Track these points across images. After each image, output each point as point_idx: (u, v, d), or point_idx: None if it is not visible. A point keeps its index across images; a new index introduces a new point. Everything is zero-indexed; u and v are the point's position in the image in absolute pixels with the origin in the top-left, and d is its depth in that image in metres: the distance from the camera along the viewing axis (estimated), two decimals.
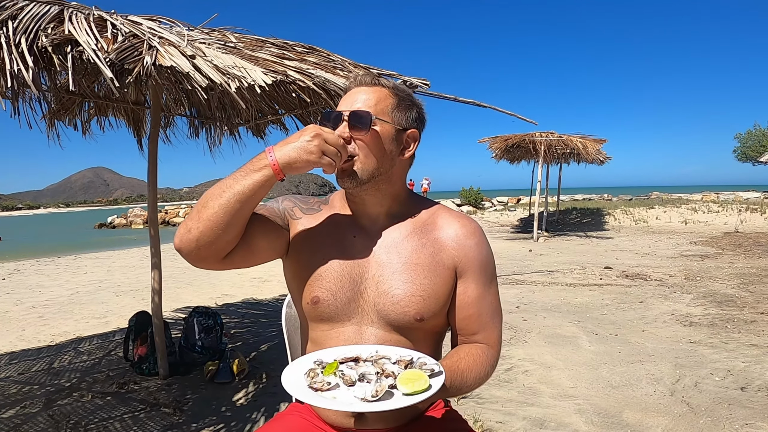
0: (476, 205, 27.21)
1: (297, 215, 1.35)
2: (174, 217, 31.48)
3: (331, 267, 1.27)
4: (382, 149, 1.25)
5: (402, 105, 1.29)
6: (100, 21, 2.59)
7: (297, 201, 1.40)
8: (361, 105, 1.24)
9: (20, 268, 11.35)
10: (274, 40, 3.20)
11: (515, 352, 4.24)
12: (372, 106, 1.24)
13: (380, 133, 1.24)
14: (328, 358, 1.14)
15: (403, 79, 3.24)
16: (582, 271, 8.32)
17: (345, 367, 1.10)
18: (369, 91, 1.27)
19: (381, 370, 1.07)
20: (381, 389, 1.00)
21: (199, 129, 4.65)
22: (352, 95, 1.28)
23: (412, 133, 1.30)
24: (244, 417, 3.14)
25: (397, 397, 1.00)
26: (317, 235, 1.32)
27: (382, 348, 1.17)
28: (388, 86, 1.29)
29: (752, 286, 6.70)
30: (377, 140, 1.24)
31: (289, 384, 1.06)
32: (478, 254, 1.31)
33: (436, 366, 1.08)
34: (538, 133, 12.70)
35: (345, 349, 1.18)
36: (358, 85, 1.29)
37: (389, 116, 1.26)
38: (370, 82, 1.28)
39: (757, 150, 33.38)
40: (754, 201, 19.42)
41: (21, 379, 3.88)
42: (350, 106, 1.25)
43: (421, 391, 1.00)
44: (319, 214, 1.36)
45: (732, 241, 11.88)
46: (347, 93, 1.30)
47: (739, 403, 3.19)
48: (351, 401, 1.00)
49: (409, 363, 1.09)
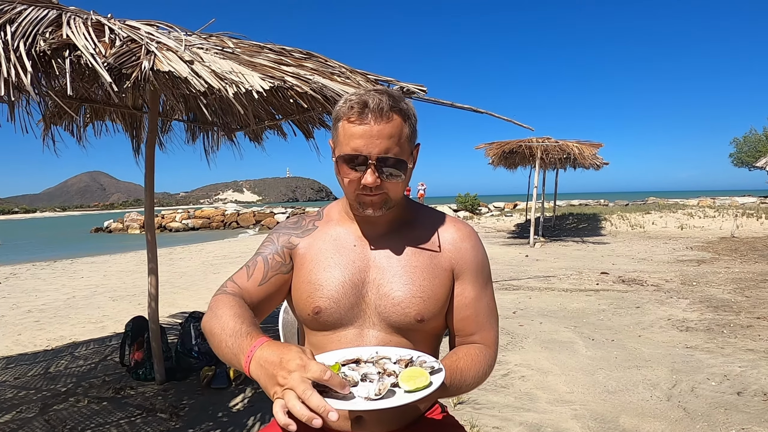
0: (473, 211, 27.24)
1: (294, 243, 1.36)
2: (170, 221, 31.40)
3: (333, 276, 1.29)
4: (409, 178, 1.28)
5: (411, 125, 1.24)
6: (98, 26, 2.60)
7: (290, 230, 1.40)
8: (387, 145, 1.18)
9: (16, 272, 11.32)
10: (272, 46, 3.21)
11: (512, 358, 4.24)
12: (396, 143, 1.19)
13: (411, 166, 1.26)
14: (329, 360, 1.14)
15: (400, 86, 3.26)
16: (578, 276, 8.33)
17: (347, 369, 1.10)
18: (388, 126, 1.18)
19: (382, 370, 1.08)
20: (384, 388, 1.01)
21: (196, 134, 4.65)
22: (370, 132, 1.17)
23: (418, 146, 1.31)
24: (240, 422, 3.13)
25: (399, 394, 1.01)
26: (317, 252, 1.33)
27: (382, 349, 1.18)
28: (399, 110, 1.20)
29: (748, 291, 6.72)
30: (408, 173, 1.26)
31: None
32: (474, 257, 1.34)
33: (436, 363, 1.09)
34: (535, 139, 12.72)
35: (345, 352, 1.18)
36: (374, 118, 1.17)
37: (408, 146, 1.25)
38: (386, 113, 1.18)
39: (753, 155, 33.53)
40: (750, 206, 19.48)
41: (17, 384, 3.87)
42: (374, 147, 1.17)
43: (423, 388, 1.01)
44: (315, 233, 1.37)
45: (728, 246, 11.92)
46: (358, 127, 1.18)
47: (736, 408, 3.19)
48: (355, 400, 1.00)
49: (409, 362, 1.10)
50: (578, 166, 14.05)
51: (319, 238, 1.36)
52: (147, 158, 3.66)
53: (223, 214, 32.51)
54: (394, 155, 1.19)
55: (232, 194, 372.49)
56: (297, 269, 1.34)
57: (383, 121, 1.17)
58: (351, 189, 1.24)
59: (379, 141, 1.17)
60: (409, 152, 1.25)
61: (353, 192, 1.24)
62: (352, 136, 1.18)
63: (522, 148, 12.86)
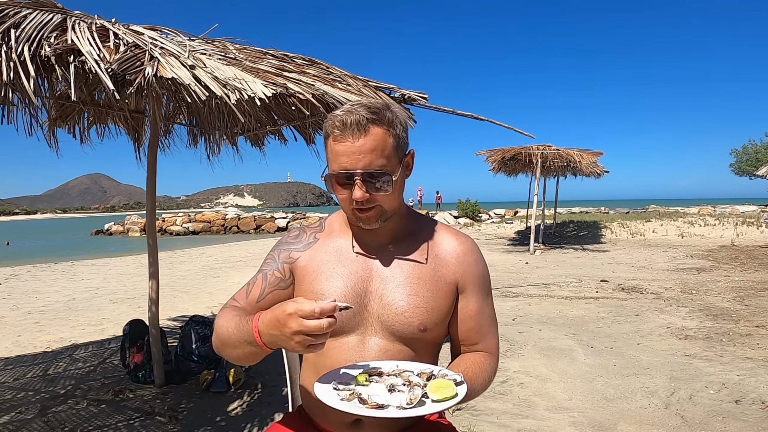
0: (473, 218, 27.23)
1: (294, 257, 1.38)
2: (171, 225, 31.41)
3: (335, 286, 1.30)
4: (399, 188, 1.29)
5: (398, 134, 1.25)
6: (103, 30, 2.62)
7: (290, 245, 1.41)
8: (369, 159, 1.19)
9: (17, 274, 11.33)
10: (274, 52, 3.23)
11: (511, 365, 4.25)
12: (379, 155, 1.20)
13: (397, 177, 1.25)
14: (353, 373, 1.19)
15: (401, 93, 3.27)
16: (578, 284, 8.33)
17: (372, 381, 1.16)
18: (368, 139, 1.19)
19: (408, 382, 1.13)
20: (415, 397, 1.07)
21: (198, 138, 4.66)
22: (351, 149, 1.19)
23: (411, 153, 1.33)
24: (239, 427, 3.13)
25: (428, 404, 1.07)
26: (319, 263, 1.35)
27: (402, 363, 1.23)
28: (380, 122, 1.21)
29: (748, 300, 6.73)
30: (396, 185, 1.25)
31: (325, 396, 1.10)
32: (477, 270, 1.37)
33: (458, 376, 1.15)
34: (536, 146, 12.75)
35: (366, 364, 1.23)
36: (352, 135, 1.19)
37: (396, 156, 1.24)
38: (363, 127, 1.19)
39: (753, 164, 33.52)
40: (751, 214, 19.49)
41: (16, 385, 3.88)
42: (357, 162, 1.19)
43: (450, 398, 1.08)
44: (317, 245, 1.39)
45: (728, 254, 11.92)
46: (340, 145, 1.20)
47: (734, 416, 3.20)
48: (389, 409, 1.06)
49: (430, 375, 1.16)
50: (579, 174, 14.06)
51: (320, 250, 1.37)
52: (149, 163, 3.68)
53: (224, 218, 32.51)
54: (379, 168, 1.20)
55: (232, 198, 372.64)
56: (298, 282, 1.36)
57: (362, 136, 1.19)
58: (346, 205, 1.28)
59: (361, 156, 1.19)
60: (398, 161, 1.25)
61: (349, 208, 1.27)
62: (337, 154, 1.21)
63: (523, 155, 12.89)
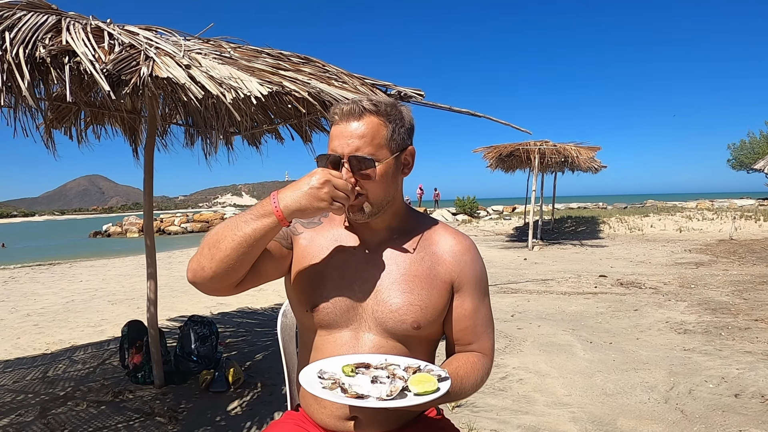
0: (471, 214, 27.25)
1: (299, 230, 1.38)
2: (169, 225, 31.41)
3: (331, 276, 1.31)
4: (387, 180, 1.27)
5: (396, 129, 1.26)
6: (98, 31, 2.61)
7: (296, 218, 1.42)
8: (358, 144, 1.21)
9: (15, 276, 11.31)
10: (270, 51, 3.22)
11: (510, 361, 4.25)
12: (369, 143, 1.22)
13: (384, 167, 1.25)
14: (340, 363, 1.19)
15: (397, 90, 3.27)
16: (577, 279, 8.34)
17: (358, 372, 1.16)
18: (361, 125, 1.22)
19: (392, 375, 1.13)
20: (395, 389, 1.07)
21: (194, 138, 4.66)
22: (344, 132, 1.23)
23: (410, 150, 1.32)
24: (239, 426, 3.13)
25: (409, 397, 1.07)
26: (318, 247, 1.35)
27: (391, 357, 1.23)
28: (377, 112, 1.24)
29: (746, 294, 6.74)
30: (383, 175, 1.25)
31: (308, 383, 1.11)
32: (474, 270, 1.36)
33: (443, 372, 1.15)
34: (533, 142, 12.75)
35: (354, 357, 1.23)
36: (346, 120, 1.23)
37: (387, 148, 1.25)
38: (358, 113, 1.22)
39: (752, 158, 33.56)
40: (749, 208, 19.53)
41: (15, 388, 3.87)
42: (346, 146, 1.22)
43: (431, 392, 1.07)
44: (319, 228, 1.39)
45: (726, 248, 11.94)
46: (336, 128, 1.25)
47: (733, 410, 3.20)
48: (368, 399, 1.06)
49: (416, 369, 1.16)
50: (576, 170, 14.07)
51: (322, 234, 1.37)
52: (146, 163, 3.67)
53: (222, 217, 32.51)
54: (366, 154, 1.21)
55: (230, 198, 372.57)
56: (297, 260, 1.36)
57: (355, 120, 1.22)
58: None
59: (350, 140, 1.21)
60: (389, 153, 1.25)
61: None
62: (332, 137, 1.26)
63: (520, 151, 12.89)
